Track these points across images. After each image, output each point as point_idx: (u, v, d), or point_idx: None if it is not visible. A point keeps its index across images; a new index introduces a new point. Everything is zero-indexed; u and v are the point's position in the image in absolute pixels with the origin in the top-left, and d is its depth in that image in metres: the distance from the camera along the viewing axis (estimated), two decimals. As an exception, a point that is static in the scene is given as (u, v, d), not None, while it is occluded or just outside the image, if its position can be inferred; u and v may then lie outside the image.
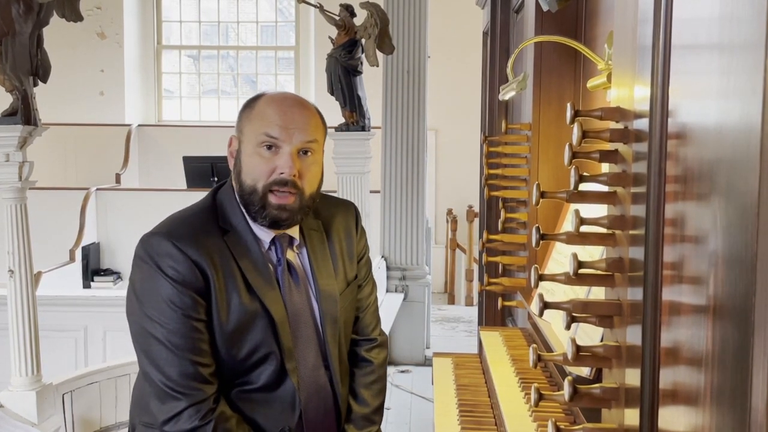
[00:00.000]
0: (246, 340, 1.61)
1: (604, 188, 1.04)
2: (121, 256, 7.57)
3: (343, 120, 4.71)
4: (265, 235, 1.67)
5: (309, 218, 1.74)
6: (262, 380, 1.63)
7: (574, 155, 1.03)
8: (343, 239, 1.79)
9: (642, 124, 0.90)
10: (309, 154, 1.63)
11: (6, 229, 2.76)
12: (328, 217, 1.79)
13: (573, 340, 1.03)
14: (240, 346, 1.61)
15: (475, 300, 7.20)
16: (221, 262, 1.59)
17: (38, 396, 2.70)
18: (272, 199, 1.60)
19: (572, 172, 1.03)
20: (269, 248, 1.67)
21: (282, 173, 1.59)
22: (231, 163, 1.67)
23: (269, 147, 1.60)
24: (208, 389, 1.58)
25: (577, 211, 1.02)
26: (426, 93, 6.08)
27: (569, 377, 1.02)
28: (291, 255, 1.70)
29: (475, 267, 7.61)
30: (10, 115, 2.71)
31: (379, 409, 1.85)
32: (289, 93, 1.73)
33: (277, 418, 1.65)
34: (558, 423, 1.06)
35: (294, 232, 1.71)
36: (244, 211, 1.66)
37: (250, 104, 1.66)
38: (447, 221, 9.07)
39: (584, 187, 1.04)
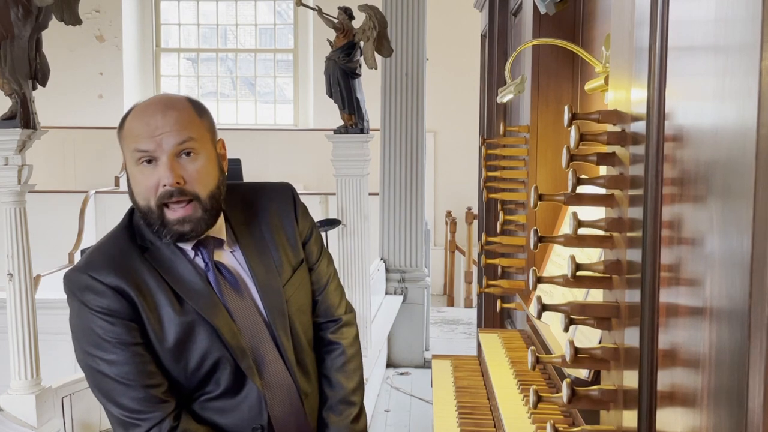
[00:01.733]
0: (191, 351, 1.57)
1: (602, 191, 1.04)
2: (120, 259, 7.55)
3: (341, 122, 4.71)
4: (187, 244, 1.60)
5: (237, 212, 1.68)
6: (222, 386, 1.60)
7: (572, 158, 1.03)
8: (280, 227, 1.70)
9: (639, 126, 0.90)
10: (191, 154, 1.53)
11: (5, 233, 2.76)
12: (260, 206, 1.71)
13: (571, 342, 1.03)
14: (187, 358, 1.57)
15: (474, 302, 7.21)
16: (145, 282, 1.55)
17: (38, 399, 2.70)
18: (168, 215, 1.53)
19: (570, 174, 1.03)
20: (195, 256, 1.61)
21: (164, 184, 1.51)
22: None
23: (147, 161, 1.52)
24: (165, 408, 1.55)
25: (575, 214, 1.02)
26: (424, 95, 6.09)
27: (568, 379, 1.02)
28: (220, 256, 1.64)
29: (474, 269, 7.62)
30: (9, 118, 2.71)
31: (357, 389, 1.78)
32: (156, 97, 1.62)
33: (246, 419, 1.62)
34: (557, 425, 1.06)
35: (219, 232, 1.64)
36: None
37: (122, 122, 1.59)
38: (446, 223, 9.07)
39: (582, 189, 1.04)
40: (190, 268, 1.59)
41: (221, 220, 1.63)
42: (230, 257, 1.65)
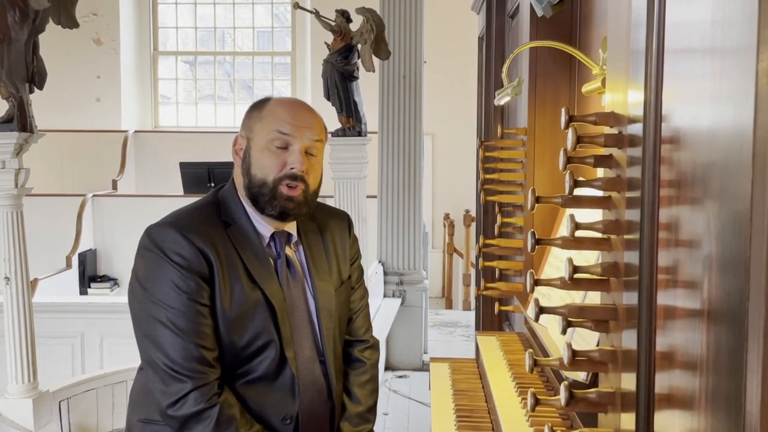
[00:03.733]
0: (247, 328, 1.66)
1: (599, 193, 1.04)
2: (118, 263, 7.56)
3: (339, 125, 4.71)
4: (266, 230, 1.74)
5: (306, 220, 1.82)
6: (261, 369, 1.68)
7: (569, 160, 1.03)
8: (337, 242, 1.86)
9: (636, 128, 0.90)
10: (314, 154, 1.72)
11: (2, 237, 2.76)
12: (323, 221, 1.87)
13: (569, 345, 1.03)
14: (241, 333, 1.66)
15: (473, 304, 7.20)
16: (224, 252, 1.66)
17: (35, 403, 2.69)
18: (282, 190, 1.68)
19: (567, 176, 1.03)
20: (268, 244, 1.74)
21: (293, 168, 1.67)
22: (237, 161, 1.75)
23: (279, 144, 1.68)
24: (212, 373, 1.62)
25: (572, 216, 1.02)
26: (422, 98, 6.09)
27: (565, 382, 1.02)
28: (289, 251, 1.77)
29: (472, 271, 7.61)
30: (6, 122, 2.71)
31: (373, 409, 1.89)
32: (294, 99, 1.85)
33: (278, 407, 1.69)
34: (554, 428, 1.06)
35: (292, 229, 1.79)
36: (246, 207, 1.73)
37: (260, 105, 1.75)
38: (444, 226, 9.07)
39: (579, 191, 1.04)
40: (263, 252, 1.72)
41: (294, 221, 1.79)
42: (295, 254, 1.79)
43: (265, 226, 1.74)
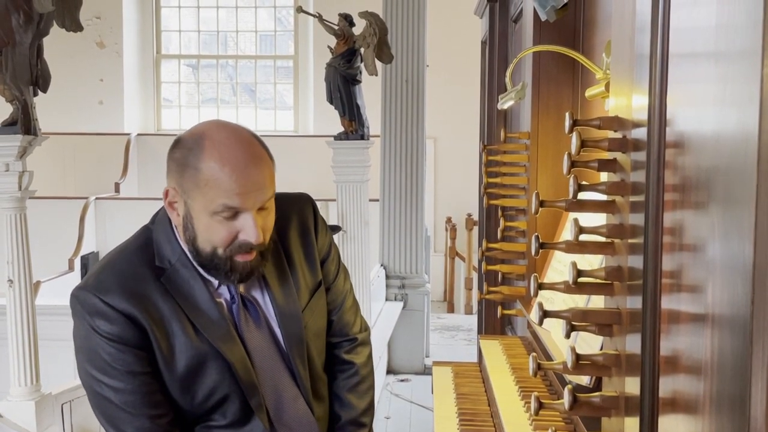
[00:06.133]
0: (200, 383, 1.51)
1: (603, 197, 1.04)
2: (120, 266, 7.54)
3: (342, 129, 4.72)
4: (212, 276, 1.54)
5: None
6: (228, 418, 1.55)
7: (573, 164, 1.03)
8: (299, 245, 1.64)
9: (640, 133, 0.90)
10: (266, 208, 1.49)
11: (5, 239, 2.76)
12: (281, 221, 1.59)
13: (573, 349, 1.03)
14: (194, 390, 1.52)
15: (475, 308, 7.19)
16: (159, 307, 1.48)
17: (37, 406, 2.69)
18: (238, 260, 1.47)
19: (571, 181, 1.03)
20: (219, 286, 1.54)
21: (248, 239, 1.45)
22: (173, 217, 1.52)
23: (227, 216, 1.44)
24: None
25: (576, 220, 1.02)
26: (425, 102, 6.09)
27: (569, 386, 1.02)
28: (242, 289, 1.57)
29: (475, 275, 7.61)
30: (10, 124, 2.72)
31: (368, 410, 1.74)
32: (237, 143, 1.47)
33: None
34: (558, 431, 1.06)
35: None
36: (188, 252, 1.51)
37: (194, 162, 1.45)
38: (446, 229, 9.07)
39: (583, 196, 1.04)
40: (207, 296, 1.51)
41: None
42: (252, 281, 1.57)
43: None
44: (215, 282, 1.53)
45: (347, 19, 4.72)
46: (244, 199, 1.42)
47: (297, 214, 1.65)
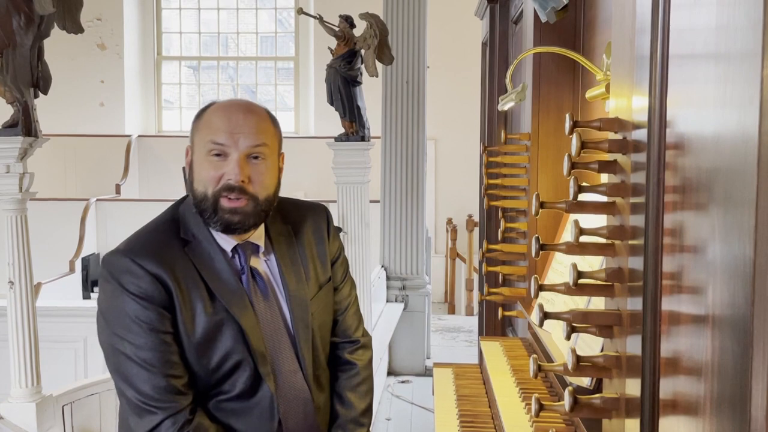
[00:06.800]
0: (215, 349, 1.61)
1: (603, 198, 1.04)
2: (121, 267, 7.54)
3: (342, 130, 4.72)
4: (227, 244, 1.66)
5: (277, 223, 1.74)
6: (237, 388, 1.63)
7: (573, 165, 1.04)
8: (313, 243, 1.78)
9: (640, 134, 0.90)
10: (259, 158, 1.61)
11: (6, 241, 2.76)
12: (297, 221, 1.78)
13: (573, 350, 1.03)
14: (210, 355, 1.61)
15: (476, 310, 7.19)
16: (183, 273, 1.60)
17: (38, 407, 2.69)
18: (223, 203, 1.59)
19: (571, 182, 1.03)
20: (232, 257, 1.66)
21: (229, 179, 1.58)
22: (187, 173, 1.68)
23: (217, 154, 1.59)
24: (183, 400, 1.59)
25: (576, 221, 1.02)
26: (425, 103, 6.10)
27: (570, 387, 1.02)
28: (256, 262, 1.69)
29: (475, 276, 7.61)
30: (11, 126, 2.72)
31: (367, 411, 1.83)
32: (238, 99, 1.72)
33: (256, 426, 1.65)
34: (558, 433, 1.06)
35: (258, 239, 1.71)
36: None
37: (200, 114, 1.66)
38: (447, 231, 9.07)
39: (583, 197, 1.04)
40: (226, 267, 1.64)
41: (261, 228, 1.70)
42: (264, 265, 1.71)
43: (226, 240, 1.66)
44: (229, 252, 1.66)
45: (348, 21, 4.72)
46: (229, 137, 1.58)
47: (312, 218, 1.80)
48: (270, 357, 1.66)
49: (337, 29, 4.68)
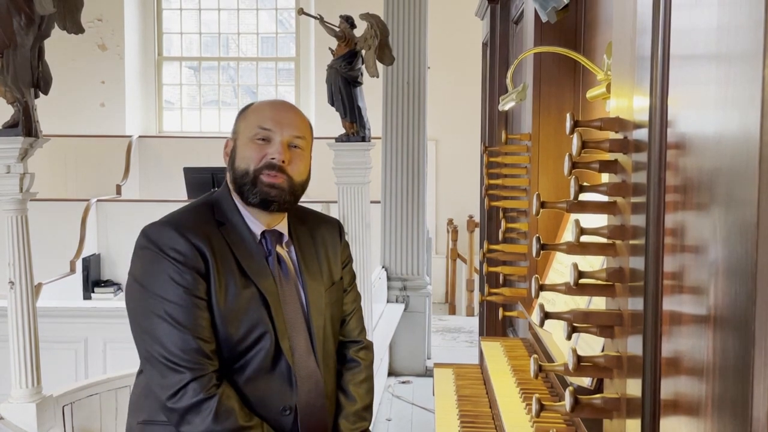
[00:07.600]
0: (242, 320, 1.71)
1: (604, 198, 1.04)
2: (122, 268, 7.55)
3: (343, 131, 4.71)
4: (257, 228, 1.80)
5: (297, 223, 1.90)
6: (257, 361, 1.72)
7: (574, 165, 1.03)
8: (328, 245, 1.93)
9: (641, 134, 0.90)
10: (298, 148, 1.80)
11: (6, 241, 2.76)
12: (314, 225, 1.94)
13: (574, 351, 1.03)
14: (237, 325, 1.70)
15: (476, 310, 7.19)
16: (218, 249, 1.72)
17: (38, 408, 2.69)
18: (263, 178, 1.75)
19: (572, 182, 1.03)
20: (260, 241, 1.80)
21: (273, 158, 1.75)
22: (225, 162, 1.84)
23: (262, 139, 1.76)
24: (210, 365, 1.66)
25: (577, 221, 1.02)
26: (426, 103, 6.09)
27: (570, 388, 1.02)
28: (280, 250, 1.83)
29: (476, 277, 7.60)
30: (12, 126, 2.72)
31: (369, 408, 1.93)
32: (278, 100, 1.95)
33: (276, 398, 1.73)
34: (559, 434, 1.05)
35: (283, 229, 1.85)
36: (239, 206, 1.80)
37: (246, 108, 1.86)
38: (447, 231, 9.07)
39: (584, 197, 1.04)
40: (256, 248, 1.79)
41: (285, 221, 1.86)
42: (286, 253, 1.85)
43: (256, 224, 1.80)
44: (258, 236, 1.80)
45: (348, 21, 4.72)
46: (275, 124, 1.78)
47: (327, 226, 1.97)
48: (289, 334, 1.76)
49: (337, 30, 4.68)
